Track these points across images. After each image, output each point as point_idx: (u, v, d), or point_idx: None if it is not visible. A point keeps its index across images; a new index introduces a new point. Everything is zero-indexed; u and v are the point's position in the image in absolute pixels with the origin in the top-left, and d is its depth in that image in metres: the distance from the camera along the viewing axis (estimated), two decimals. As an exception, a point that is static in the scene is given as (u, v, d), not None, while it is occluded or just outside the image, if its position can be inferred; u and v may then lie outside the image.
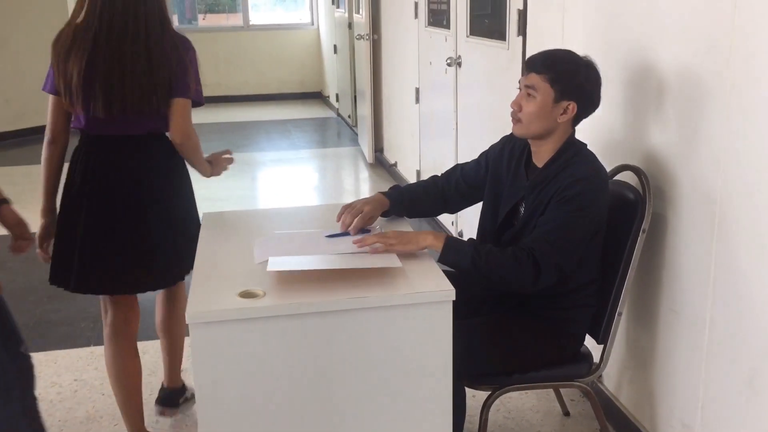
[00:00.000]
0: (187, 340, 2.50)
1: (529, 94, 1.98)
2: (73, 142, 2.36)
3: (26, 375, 1.95)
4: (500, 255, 1.92)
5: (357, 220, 2.06)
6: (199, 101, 2.24)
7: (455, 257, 1.93)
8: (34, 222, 2.09)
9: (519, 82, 2.04)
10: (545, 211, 1.96)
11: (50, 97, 2.26)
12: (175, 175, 2.32)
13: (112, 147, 2.24)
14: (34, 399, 1.97)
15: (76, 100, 2.17)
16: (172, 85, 2.15)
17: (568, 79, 1.96)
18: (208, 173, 2.39)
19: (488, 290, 2.13)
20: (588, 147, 2.06)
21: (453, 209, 2.39)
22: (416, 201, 2.28)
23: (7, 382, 1.85)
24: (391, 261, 1.82)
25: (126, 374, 2.36)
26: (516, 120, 2.03)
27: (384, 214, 2.19)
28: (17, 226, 2.08)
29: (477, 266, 1.91)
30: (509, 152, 2.18)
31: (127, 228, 2.23)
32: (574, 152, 2.01)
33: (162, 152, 2.26)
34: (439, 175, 2.35)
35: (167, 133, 2.24)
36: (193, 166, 2.34)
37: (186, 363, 2.71)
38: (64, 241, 2.28)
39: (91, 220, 2.23)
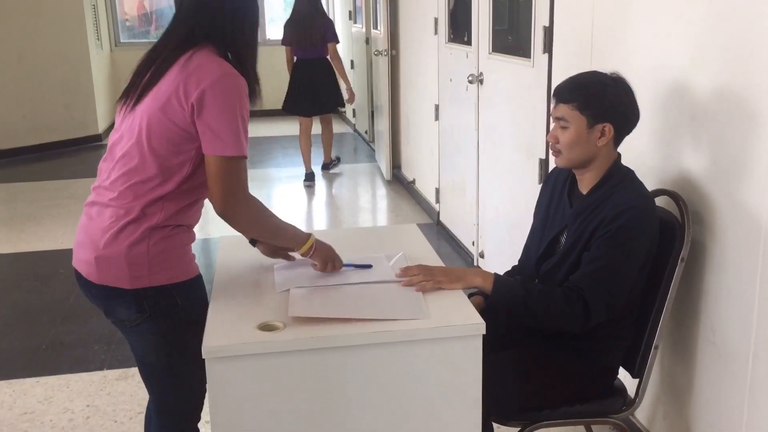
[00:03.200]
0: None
1: (562, 126, 1.91)
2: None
3: None
4: (550, 295, 1.86)
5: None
6: None
7: (506, 298, 1.88)
8: (51, 237, 1.95)
9: (551, 114, 1.97)
10: (589, 244, 1.88)
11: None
12: None
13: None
14: None
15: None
16: None
17: (597, 102, 1.88)
18: None
19: (516, 321, 2.03)
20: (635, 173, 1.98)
21: None
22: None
23: None
24: (419, 311, 1.70)
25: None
26: (556, 152, 1.96)
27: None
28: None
29: (528, 307, 1.86)
30: (554, 182, 2.12)
31: None
32: (620, 179, 1.93)
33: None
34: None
35: None
36: None
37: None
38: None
39: None
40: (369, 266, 1.97)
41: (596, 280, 1.84)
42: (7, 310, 3.89)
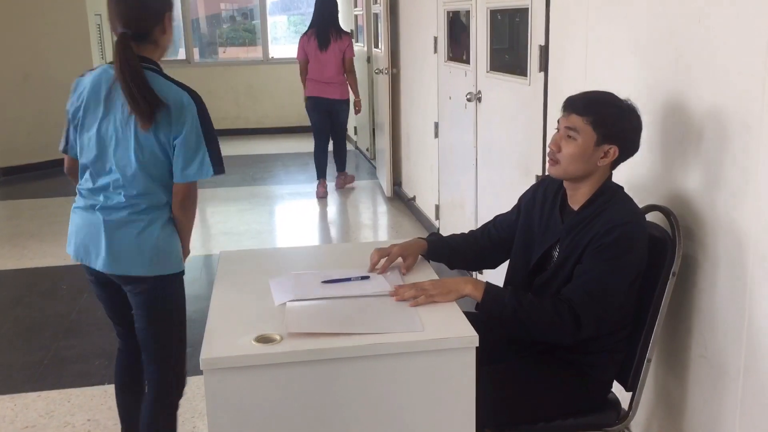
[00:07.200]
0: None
1: (569, 136, 1.92)
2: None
3: None
4: (541, 306, 1.88)
5: (384, 261, 2.07)
6: None
7: (496, 307, 1.90)
8: (53, 254, 2.01)
9: (558, 121, 1.98)
10: (581, 258, 1.91)
11: None
12: None
13: None
14: None
15: None
16: None
17: (612, 123, 1.91)
18: None
19: (511, 334, 2.06)
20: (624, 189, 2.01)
21: (491, 262, 2.28)
22: (456, 249, 2.26)
23: None
24: (414, 325, 1.74)
25: None
26: (554, 161, 1.96)
27: (429, 258, 2.20)
28: None
29: (518, 317, 1.88)
30: (543, 194, 2.13)
31: None
32: (611, 195, 1.96)
33: None
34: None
35: None
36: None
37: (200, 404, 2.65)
38: None
39: None
40: (367, 277, 2.02)
41: (587, 293, 1.86)
42: (10, 325, 3.92)
